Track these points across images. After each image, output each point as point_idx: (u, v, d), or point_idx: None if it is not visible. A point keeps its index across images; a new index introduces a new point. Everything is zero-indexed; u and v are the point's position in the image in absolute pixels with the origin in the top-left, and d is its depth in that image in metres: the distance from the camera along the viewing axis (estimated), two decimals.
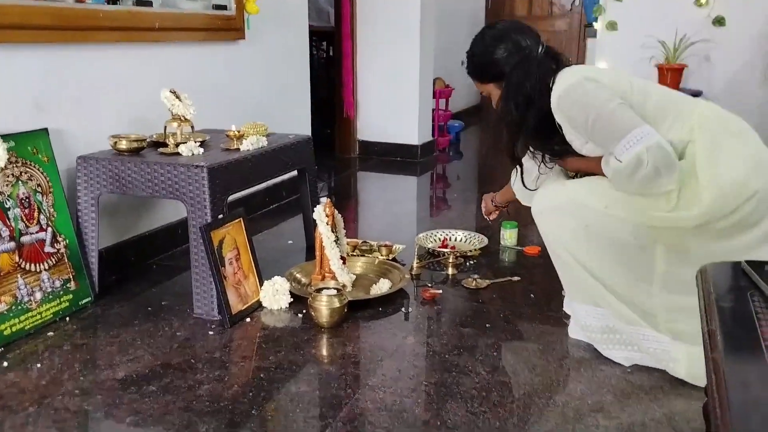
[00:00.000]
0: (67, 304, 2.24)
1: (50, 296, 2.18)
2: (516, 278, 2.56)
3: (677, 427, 1.61)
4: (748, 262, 1.13)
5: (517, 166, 2.20)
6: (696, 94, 4.03)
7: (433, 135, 5.33)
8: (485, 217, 2.70)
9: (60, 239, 2.26)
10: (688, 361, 1.80)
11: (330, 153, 5.14)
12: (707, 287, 1.08)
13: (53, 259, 2.23)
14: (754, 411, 0.78)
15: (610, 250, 1.85)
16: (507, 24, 2.02)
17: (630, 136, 1.73)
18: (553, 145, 1.98)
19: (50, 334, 2.10)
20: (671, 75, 3.94)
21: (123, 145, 2.31)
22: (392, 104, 4.99)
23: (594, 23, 4.69)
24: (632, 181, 1.75)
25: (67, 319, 2.21)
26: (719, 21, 4.07)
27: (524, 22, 2.07)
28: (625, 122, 1.77)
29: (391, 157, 5.04)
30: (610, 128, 1.79)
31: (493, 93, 2.03)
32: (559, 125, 1.91)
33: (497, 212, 2.67)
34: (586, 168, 1.97)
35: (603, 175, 1.85)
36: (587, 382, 1.82)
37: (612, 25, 4.27)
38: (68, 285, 2.26)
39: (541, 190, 2.05)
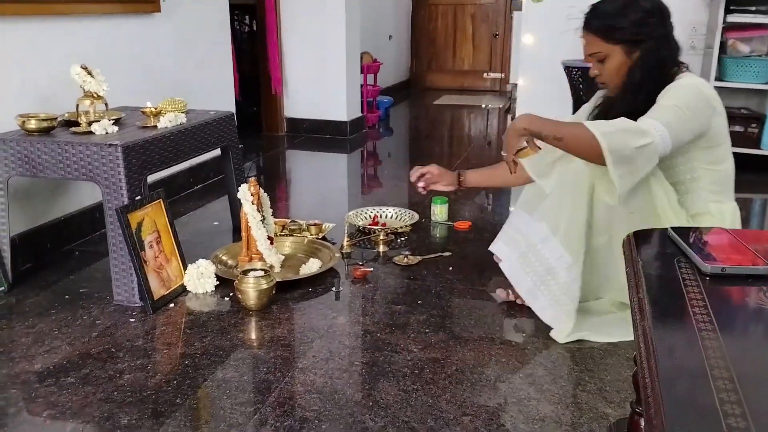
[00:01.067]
0: None
1: None
2: (447, 254, 2.55)
3: (608, 397, 1.63)
4: (674, 229, 1.14)
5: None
6: None
7: (362, 111, 5.27)
8: (417, 186, 2.48)
9: None
10: (567, 320, 1.89)
11: (257, 131, 5.02)
12: (634, 255, 1.07)
13: None
14: (680, 377, 0.77)
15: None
16: None
17: (660, 126, 1.76)
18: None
19: None
20: None
21: (32, 124, 2.17)
22: (319, 80, 4.90)
23: None
24: (618, 128, 1.75)
25: None
26: None
27: None
28: (676, 124, 1.79)
29: (320, 135, 4.97)
30: (665, 111, 1.81)
31: (614, 55, 1.93)
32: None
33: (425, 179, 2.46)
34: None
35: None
36: (519, 356, 1.83)
37: None
38: None
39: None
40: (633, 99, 1.91)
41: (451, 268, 2.43)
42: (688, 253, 1.04)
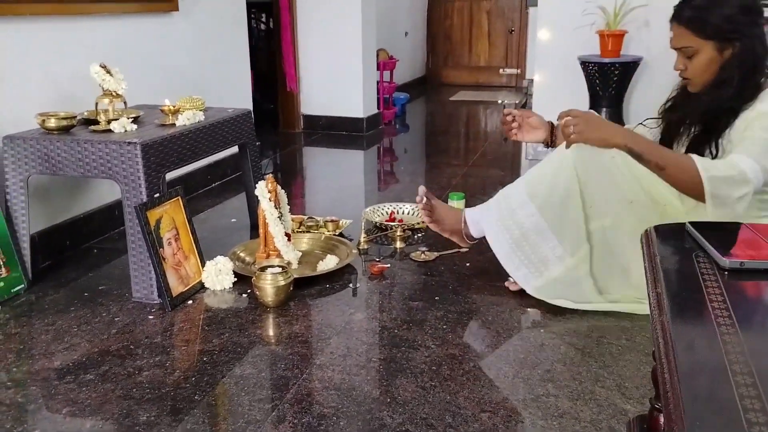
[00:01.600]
0: None
1: None
2: (464, 249, 2.54)
3: (627, 394, 1.62)
4: (692, 224, 1.12)
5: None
6: (637, 60, 4.06)
7: (378, 107, 5.27)
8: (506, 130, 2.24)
9: None
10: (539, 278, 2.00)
11: (274, 128, 5.04)
12: (652, 250, 1.06)
13: None
14: (699, 372, 0.76)
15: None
16: None
17: (756, 166, 1.76)
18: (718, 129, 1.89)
19: None
20: (612, 41, 3.95)
21: (52, 123, 2.20)
22: (336, 77, 4.90)
23: None
24: (724, 184, 1.77)
25: None
26: None
27: None
28: (761, 154, 1.77)
29: (337, 131, 4.97)
30: (761, 146, 1.78)
31: (704, 50, 1.87)
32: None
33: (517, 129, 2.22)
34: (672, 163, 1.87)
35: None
36: (537, 352, 1.82)
37: None
38: None
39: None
40: (720, 95, 1.87)
41: (468, 264, 2.42)
42: (707, 248, 1.03)
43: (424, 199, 2.26)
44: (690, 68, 1.92)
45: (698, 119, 1.95)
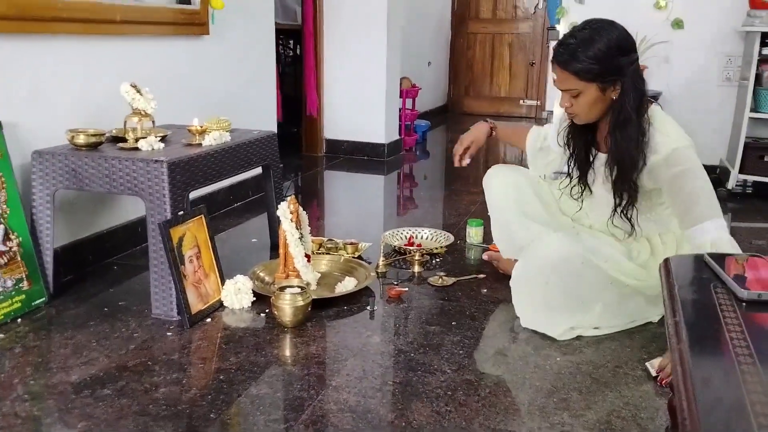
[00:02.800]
0: (20, 304, 2.16)
1: (1, 297, 2.10)
2: (481, 276, 2.54)
3: (643, 424, 1.61)
4: (710, 255, 1.13)
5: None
6: (656, 95, 4.08)
7: (399, 134, 5.31)
8: (456, 158, 2.52)
9: (13, 237, 2.18)
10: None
11: (297, 151, 5.09)
12: (670, 279, 1.07)
13: (5, 258, 2.14)
14: (717, 403, 0.76)
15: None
16: (622, 28, 1.94)
17: (709, 223, 1.85)
18: (633, 174, 1.99)
19: (1, 336, 2.02)
20: None
21: (81, 139, 2.24)
22: (359, 103, 4.96)
23: (557, 25, 4.71)
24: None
25: (19, 320, 2.13)
26: (677, 23, 4.13)
27: (488, 24, 2.13)
28: (710, 207, 1.87)
29: (358, 156, 5.01)
30: (702, 197, 1.88)
31: (588, 92, 1.92)
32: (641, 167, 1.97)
33: (470, 152, 2.50)
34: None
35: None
36: (553, 380, 1.81)
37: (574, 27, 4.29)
38: (21, 285, 2.18)
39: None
40: (628, 135, 1.93)
41: (485, 290, 2.42)
42: (724, 279, 1.04)
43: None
44: (575, 106, 1.98)
45: (614, 164, 2.01)
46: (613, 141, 1.98)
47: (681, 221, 1.95)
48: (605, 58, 1.88)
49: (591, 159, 2.16)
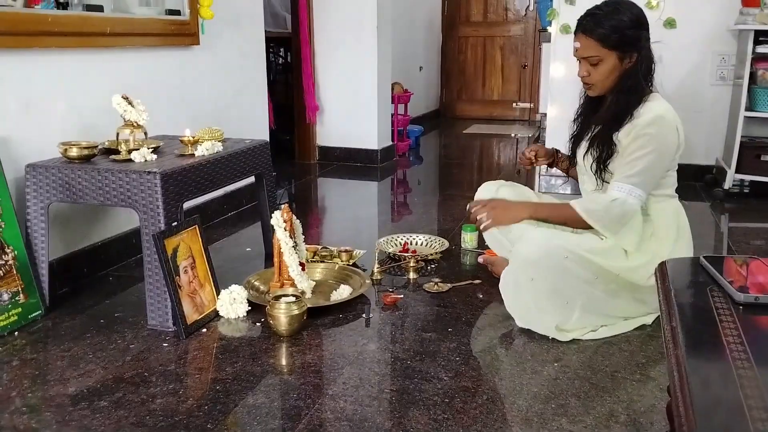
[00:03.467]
0: (16, 317, 2.15)
1: None
2: (477, 281, 2.54)
3: (642, 429, 1.61)
4: (706, 257, 1.13)
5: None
6: None
7: (392, 140, 5.32)
8: (522, 163, 2.54)
9: (8, 251, 2.17)
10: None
11: (290, 159, 5.09)
12: (666, 284, 1.07)
13: (1, 272, 2.14)
14: (714, 405, 0.76)
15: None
16: (641, 9, 2.12)
17: (638, 190, 2.04)
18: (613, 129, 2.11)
19: None
20: None
21: (73, 152, 2.24)
22: (351, 109, 4.97)
23: (548, 27, 4.72)
24: (607, 215, 2.06)
25: (16, 333, 2.12)
26: (670, 23, 4.14)
27: (479, 28, 2.20)
28: (651, 178, 2.07)
29: (351, 163, 5.01)
30: (643, 167, 2.03)
31: (608, 59, 2.06)
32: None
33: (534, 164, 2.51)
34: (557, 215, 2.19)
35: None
36: (551, 386, 1.81)
37: (566, 29, 4.31)
38: (17, 298, 2.17)
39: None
40: (629, 100, 2.08)
41: (481, 296, 2.42)
42: (721, 282, 1.04)
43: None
44: (593, 74, 2.12)
45: (606, 120, 2.13)
46: (612, 99, 2.12)
47: (615, 173, 2.09)
48: (628, 28, 2.04)
49: (585, 132, 2.26)
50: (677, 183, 2.22)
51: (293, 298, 2.13)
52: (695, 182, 4.26)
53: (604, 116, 2.15)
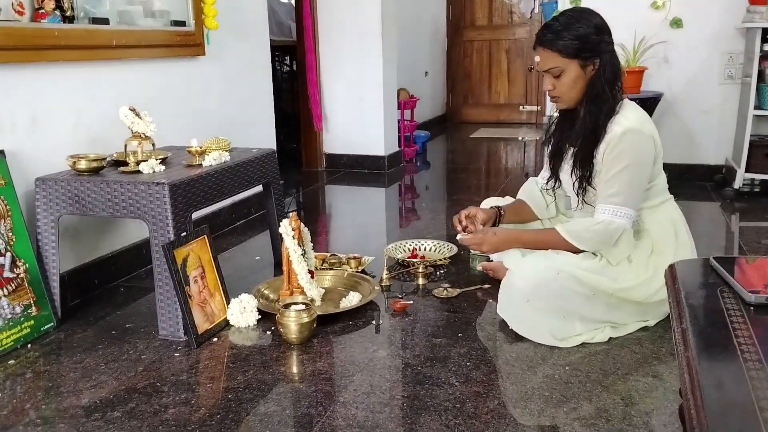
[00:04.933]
0: (29, 330, 2.17)
1: (10, 323, 2.11)
2: (486, 286, 2.54)
3: (655, 431, 1.60)
4: (716, 258, 1.13)
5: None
6: (657, 96, 4.08)
7: (399, 146, 5.32)
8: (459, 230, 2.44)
9: (20, 264, 2.19)
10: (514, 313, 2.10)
11: (297, 167, 5.10)
12: (676, 285, 1.07)
13: (13, 285, 2.15)
14: (728, 410, 0.76)
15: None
16: (600, 16, 2.11)
17: (623, 209, 2.05)
18: (593, 148, 2.10)
19: (11, 362, 2.03)
20: (632, 78, 3.98)
21: (82, 165, 2.25)
22: (357, 116, 4.98)
23: None
24: (593, 237, 2.09)
25: (29, 345, 2.14)
26: (676, 23, 4.13)
27: (484, 31, 2.21)
28: (634, 194, 2.07)
29: (359, 169, 5.02)
30: (622, 184, 2.04)
31: (570, 69, 2.06)
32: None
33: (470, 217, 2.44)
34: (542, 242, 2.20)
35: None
36: (562, 389, 1.81)
37: None
38: (29, 311, 2.19)
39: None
40: (599, 109, 2.06)
41: (490, 301, 2.42)
42: (731, 283, 1.04)
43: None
44: (558, 87, 2.10)
45: (582, 137, 2.12)
46: (584, 113, 2.10)
47: (599, 195, 2.10)
48: (586, 36, 2.04)
49: (564, 150, 2.25)
50: (669, 184, 2.24)
51: (303, 306, 2.13)
52: (705, 182, 4.25)
53: (579, 132, 2.12)
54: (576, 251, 2.11)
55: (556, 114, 2.28)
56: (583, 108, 2.10)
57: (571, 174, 2.17)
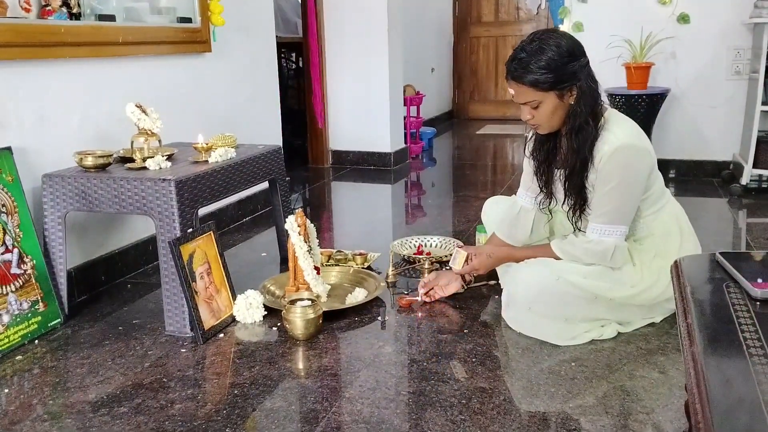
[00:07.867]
0: (36, 326, 2.18)
1: (18, 319, 2.12)
2: (492, 282, 2.53)
3: (661, 427, 1.60)
4: (722, 253, 1.12)
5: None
6: (664, 92, 4.07)
7: (405, 142, 5.32)
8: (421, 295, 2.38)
9: (27, 260, 2.20)
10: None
11: (303, 164, 5.11)
12: (682, 281, 1.06)
13: (20, 281, 2.16)
14: (734, 405, 0.76)
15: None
16: (569, 35, 2.02)
17: (613, 227, 2.01)
18: (582, 175, 2.04)
19: (18, 357, 2.04)
20: (639, 74, 3.97)
21: (89, 161, 2.26)
22: (363, 113, 4.98)
23: (560, 25, 4.71)
24: (584, 255, 2.05)
25: (36, 341, 2.15)
26: (683, 18, 4.12)
27: (491, 27, 2.13)
28: (625, 212, 2.03)
29: (365, 166, 5.03)
30: (612, 203, 2.00)
31: (547, 101, 1.95)
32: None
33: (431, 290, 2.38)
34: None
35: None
36: (568, 385, 1.80)
37: (578, 27, 4.30)
38: (36, 307, 2.20)
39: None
40: (585, 138, 1.97)
41: (496, 297, 2.41)
42: (737, 278, 1.03)
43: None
44: (537, 116, 2.00)
45: (570, 167, 2.04)
46: (568, 145, 2.02)
47: (591, 213, 2.06)
48: (558, 65, 1.91)
49: (552, 168, 2.17)
50: (676, 180, 2.22)
51: (309, 302, 2.14)
52: (712, 178, 4.23)
53: (566, 161, 2.06)
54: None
55: (531, 132, 2.18)
56: (566, 138, 2.02)
57: (565, 200, 2.12)
